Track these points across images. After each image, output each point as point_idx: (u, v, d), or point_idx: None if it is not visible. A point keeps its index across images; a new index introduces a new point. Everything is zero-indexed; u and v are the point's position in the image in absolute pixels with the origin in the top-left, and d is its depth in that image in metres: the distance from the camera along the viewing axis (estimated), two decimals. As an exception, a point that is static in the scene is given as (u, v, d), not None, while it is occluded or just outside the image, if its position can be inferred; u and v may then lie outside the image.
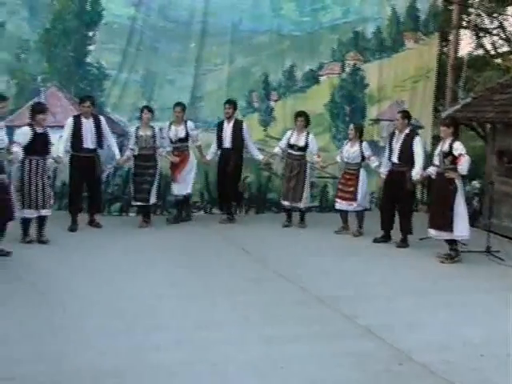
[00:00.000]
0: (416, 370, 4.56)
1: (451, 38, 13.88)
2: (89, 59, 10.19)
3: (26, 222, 7.90)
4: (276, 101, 11.26)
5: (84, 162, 8.81)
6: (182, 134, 9.58)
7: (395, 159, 8.74)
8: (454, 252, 7.97)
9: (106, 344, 4.84)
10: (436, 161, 8.10)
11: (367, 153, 9.29)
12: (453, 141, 7.87)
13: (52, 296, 5.96)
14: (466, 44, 17.46)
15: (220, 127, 9.90)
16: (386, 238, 8.89)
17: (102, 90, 10.24)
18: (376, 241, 8.90)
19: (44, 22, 9.93)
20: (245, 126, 9.94)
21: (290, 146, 9.76)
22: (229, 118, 9.82)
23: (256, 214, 10.92)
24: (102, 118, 9.17)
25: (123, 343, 4.87)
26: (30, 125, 7.89)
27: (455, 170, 7.80)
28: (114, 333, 5.08)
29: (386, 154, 9.02)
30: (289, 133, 9.91)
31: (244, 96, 11.07)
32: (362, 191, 9.24)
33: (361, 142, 9.35)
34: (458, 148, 7.79)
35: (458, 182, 7.87)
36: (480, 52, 18.44)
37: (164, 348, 4.79)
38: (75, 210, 8.91)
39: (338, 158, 9.66)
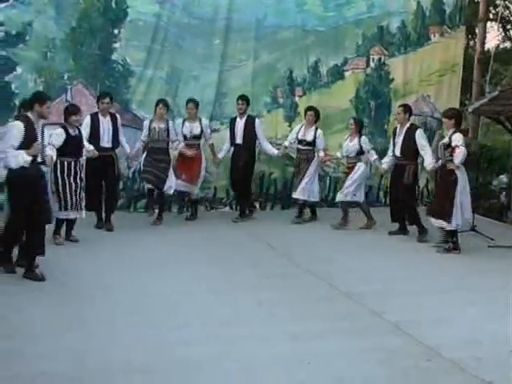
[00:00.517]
0: (445, 367, 4.52)
1: (478, 31, 13.76)
2: (114, 56, 10.27)
3: (58, 224, 7.88)
4: (301, 96, 11.26)
5: (102, 161, 8.44)
6: (197, 131, 9.53)
7: (398, 153, 8.87)
8: (452, 244, 8.02)
9: (133, 340, 4.87)
10: (439, 153, 8.21)
11: (366, 147, 9.32)
12: (453, 132, 7.95)
13: (80, 293, 6.01)
14: (493, 37, 17.22)
15: (233, 123, 9.83)
16: (401, 230, 8.99)
17: (127, 87, 10.33)
18: (391, 233, 9.00)
19: (70, 21, 10.02)
20: (257, 122, 9.86)
21: (299, 141, 9.73)
22: (242, 114, 9.74)
23: (282, 210, 10.92)
24: (118, 115, 9.08)
25: (150, 339, 4.89)
26: (63, 127, 7.83)
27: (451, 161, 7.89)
28: (140, 329, 5.10)
29: (390, 148, 9.15)
30: (297, 127, 9.88)
31: (269, 92, 11.09)
32: (355, 182, 9.26)
33: (360, 135, 9.35)
34: (456, 140, 7.86)
35: (459, 174, 7.89)
36: (507, 45, 18.23)
37: (190, 343, 4.81)
38: (96, 208, 8.82)
39: (338, 154, 9.69)
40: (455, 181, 7.86)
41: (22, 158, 6.13)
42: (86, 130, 8.50)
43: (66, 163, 7.74)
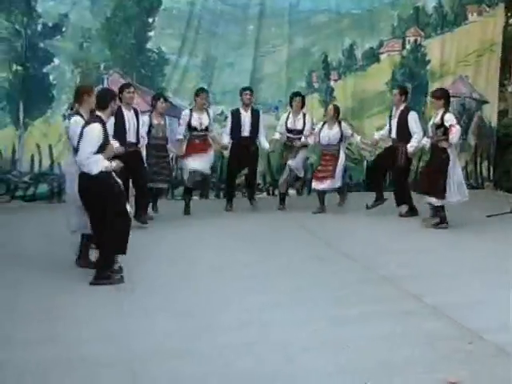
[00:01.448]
0: (488, 350, 4.45)
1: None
2: (149, 45, 10.37)
3: None
4: (336, 80, 11.21)
5: (128, 157, 7.65)
6: (207, 122, 9.12)
7: (394, 135, 8.98)
8: (439, 218, 8.24)
9: (171, 325, 4.91)
10: (430, 133, 8.37)
11: (349, 131, 9.31)
12: (444, 112, 8.11)
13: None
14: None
15: (237, 116, 9.45)
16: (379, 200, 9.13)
17: (162, 76, 10.43)
18: (368, 207, 9.12)
19: (105, 11, 10.14)
20: (261, 114, 9.66)
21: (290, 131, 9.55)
22: (247, 106, 9.43)
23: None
24: (138, 108, 8.63)
25: (188, 324, 4.93)
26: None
27: (447, 140, 8.02)
28: (179, 314, 5.14)
29: (387, 129, 9.22)
30: (285, 115, 9.68)
31: (304, 76, 11.06)
32: (340, 170, 9.20)
33: (339, 122, 9.24)
34: (449, 119, 8.07)
35: (450, 152, 8.08)
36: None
37: (229, 329, 4.83)
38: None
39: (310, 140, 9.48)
40: (447, 158, 8.06)
41: (102, 163, 5.78)
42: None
43: None
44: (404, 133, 8.83)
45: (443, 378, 3.94)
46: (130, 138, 8.10)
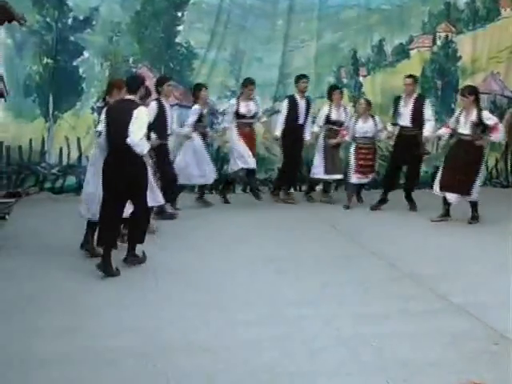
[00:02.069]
0: (513, 351, 4.42)
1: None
2: (178, 39, 10.36)
3: None
4: (365, 76, 11.09)
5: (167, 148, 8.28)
6: (255, 110, 9.34)
7: (407, 123, 8.88)
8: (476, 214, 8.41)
9: (197, 318, 4.94)
10: (453, 124, 8.41)
11: (381, 126, 9.30)
12: (480, 110, 8.19)
13: (145, 272, 6.13)
14: None
15: (293, 103, 9.55)
16: (383, 202, 9.15)
17: (191, 70, 10.39)
18: (373, 208, 9.14)
19: (135, 5, 10.14)
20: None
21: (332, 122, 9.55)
22: (303, 94, 9.59)
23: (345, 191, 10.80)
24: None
25: (214, 318, 4.95)
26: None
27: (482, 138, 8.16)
28: (205, 307, 5.17)
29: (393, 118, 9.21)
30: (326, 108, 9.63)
31: (332, 72, 10.97)
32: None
33: (372, 116, 9.32)
34: (491, 117, 8.23)
35: (485, 150, 8.41)
36: None
37: (254, 323, 4.85)
38: None
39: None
40: (483, 156, 8.35)
41: (148, 144, 6.19)
42: (151, 117, 7.79)
43: None
44: (419, 120, 8.84)
45: (466, 379, 3.90)
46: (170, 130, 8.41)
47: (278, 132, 9.61)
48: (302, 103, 9.57)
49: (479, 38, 11.30)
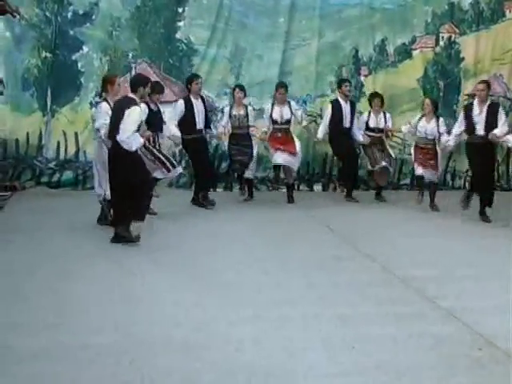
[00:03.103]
0: (497, 356, 4.32)
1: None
2: (178, 35, 10.38)
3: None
4: (366, 76, 11.04)
5: (198, 143, 8.75)
6: (288, 115, 9.33)
7: (481, 132, 8.47)
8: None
9: (180, 317, 4.88)
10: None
11: (443, 128, 9.08)
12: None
13: (132, 268, 6.08)
14: None
15: (337, 106, 9.59)
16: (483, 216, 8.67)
17: (190, 66, 10.40)
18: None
19: (135, 0, 10.11)
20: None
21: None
22: (347, 97, 9.65)
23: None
24: (204, 96, 9.14)
25: (197, 317, 4.89)
26: (145, 102, 7.93)
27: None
28: (189, 306, 5.11)
29: (459, 127, 8.76)
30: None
31: (334, 71, 10.94)
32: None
33: (437, 117, 9.13)
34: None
35: None
36: None
37: (235, 323, 4.77)
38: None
39: (404, 129, 9.45)
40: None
41: (139, 141, 6.52)
42: (178, 113, 8.58)
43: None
44: (493, 128, 8.47)
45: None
46: (200, 125, 8.76)
47: (320, 135, 9.65)
48: (346, 107, 9.56)
49: (483, 40, 11.23)
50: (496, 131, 8.35)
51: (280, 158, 9.23)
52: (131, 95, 6.58)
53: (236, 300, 5.31)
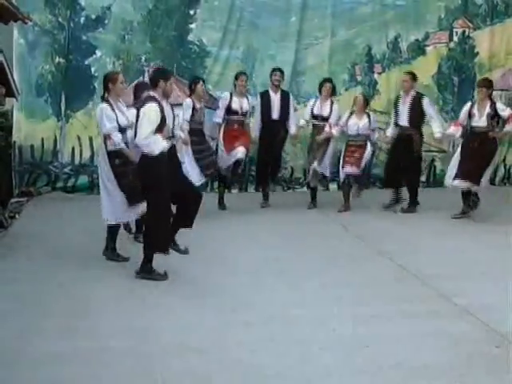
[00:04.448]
0: (514, 354, 4.28)
1: None
2: (190, 37, 10.36)
3: None
4: (380, 73, 10.96)
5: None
6: (248, 107, 8.96)
7: (405, 123, 8.67)
8: (469, 207, 8.35)
9: (194, 319, 4.89)
10: (463, 121, 8.38)
11: (375, 125, 9.02)
12: (493, 102, 8.24)
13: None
14: None
15: (266, 98, 9.15)
16: (396, 201, 8.94)
17: (203, 68, 10.38)
18: (386, 207, 8.94)
19: (147, 3, 10.16)
20: (291, 96, 9.45)
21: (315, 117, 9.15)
22: (277, 88, 9.18)
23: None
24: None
25: (211, 320, 4.88)
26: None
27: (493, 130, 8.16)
28: (202, 309, 5.10)
29: (393, 118, 8.96)
30: (312, 101, 9.30)
31: (347, 69, 10.87)
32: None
33: (368, 114, 8.97)
34: (505, 108, 8.25)
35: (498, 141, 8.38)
36: None
37: (250, 324, 4.77)
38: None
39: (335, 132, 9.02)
40: (496, 147, 8.30)
41: (161, 143, 5.69)
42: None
43: None
44: (416, 120, 8.68)
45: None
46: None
47: (253, 134, 9.20)
48: (275, 98, 9.15)
49: (497, 34, 11.10)
50: (437, 135, 8.79)
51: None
52: (151, 93, 5.81)
53: (250, 301, 5.30)
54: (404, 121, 8.72)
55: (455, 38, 11.03)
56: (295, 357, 4.23)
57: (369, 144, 8.93)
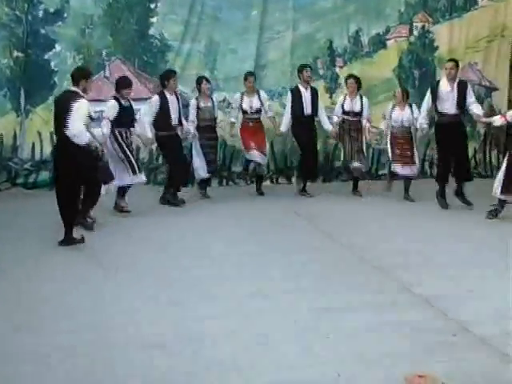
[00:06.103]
0: (471, 342, 4.35)
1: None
2: (151, 31, 10.30)
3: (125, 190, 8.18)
4: (342, 67, 11.02)
5: (174, 140, 8.65)
6: (258, 105, 9.36)
7: (453, 110, 8.50)
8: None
9: (155, 314, 4.85)
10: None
11: (418, 114, 9.04)
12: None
13: (107, 265, 6.05)
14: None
15: (297, 93, 9.43)
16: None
17: (165, 62, 10.32)
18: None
19: (107, -4, 10.04)
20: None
21: (347, 113, 9.46)
22: (308, 84, 9.50)
23: (323, 183, 10.73)
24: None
25: (172, 313, 4.86)
26: (115, 98, 8.02)
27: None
28: (164, 303, 5.08)
29: (426, 106, 8.76)
30: (341, 98, 9.62)
31: (308, 63, 10.82)
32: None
33: (410, 104, 9.15)
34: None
35: None
36: None
37: (211, 318, 4.75)
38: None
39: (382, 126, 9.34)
40: None
41: (86, 136, 6.57)
42: (153, 109, 8.49)
43: (122, 132, 7.97)
44: (464, 106, 8.56)
45: (419, 370, 3.81)
46: (175, 121, 8.67)
47: (283, 128, 9.57)
48: (306, 93, 9.45)
49: (456, 28, 11.26)
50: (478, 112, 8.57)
51: (255, 156, 9.29)
52: (73, 88, 6.67)
53: (209, 295, 5.29)
54: (452, 108, 8.53)
55: (415, 32, 11.16)
56: (255, 349, 4.24)
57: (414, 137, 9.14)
